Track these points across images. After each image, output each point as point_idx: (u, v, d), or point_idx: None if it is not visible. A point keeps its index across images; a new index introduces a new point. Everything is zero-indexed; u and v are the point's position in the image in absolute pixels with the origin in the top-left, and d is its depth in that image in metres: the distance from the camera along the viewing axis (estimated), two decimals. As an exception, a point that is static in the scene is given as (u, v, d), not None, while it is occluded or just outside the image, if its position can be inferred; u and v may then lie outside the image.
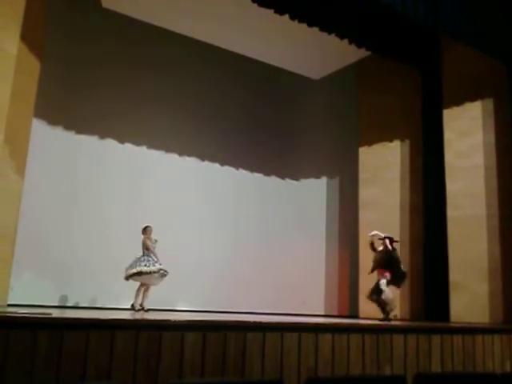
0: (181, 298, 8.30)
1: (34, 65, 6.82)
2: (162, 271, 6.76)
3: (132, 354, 3.61)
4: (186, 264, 8.35)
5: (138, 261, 6.77)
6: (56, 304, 7.35)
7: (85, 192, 8.09)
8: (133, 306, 6.68)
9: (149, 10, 8.26)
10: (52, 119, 8.00)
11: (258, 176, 10.00)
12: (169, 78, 9.02)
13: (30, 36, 6.53)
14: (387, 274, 7.05)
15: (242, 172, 9.83)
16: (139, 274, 6.67)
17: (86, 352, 3.45)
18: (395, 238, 7.46)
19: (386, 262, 7.10)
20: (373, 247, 7.27)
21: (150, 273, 6.68)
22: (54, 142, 7.95)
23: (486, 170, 7.79)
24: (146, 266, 6.70)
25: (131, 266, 6.73)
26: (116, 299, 7.74)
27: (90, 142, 8.31)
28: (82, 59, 8.27)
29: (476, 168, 7.85)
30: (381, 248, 7.22)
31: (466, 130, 8.03)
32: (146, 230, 7.05)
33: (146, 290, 6.81)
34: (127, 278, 6.72)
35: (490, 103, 7.92)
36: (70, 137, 8.16)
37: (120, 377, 3.52)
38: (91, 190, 8.14)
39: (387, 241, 7.19)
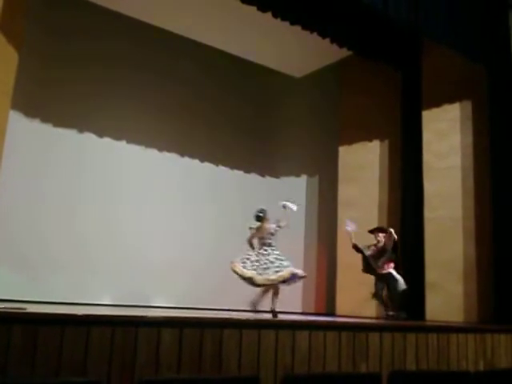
0: (158, 294, 8.25)
1: (12, 56, 6.68)
2: None
3: (108, 349, 3.57)
4: (165, 260, 8.30)
5: (270, 259, 6.05)
6: (30, 299, 7.25)
7: (60, 187, 7.95)
8: (273, 311, 6.13)
9: (129, 3, 8.18)
10: (29, 113, 7.85)
11: (238, 173, 9.98)
12: (147, 74, 8.93)
13: (8, 27, 6.40)
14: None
15: (222, 169, 9.80)
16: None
17: (60, 347, 3.41)
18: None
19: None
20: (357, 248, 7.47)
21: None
22: (30, 135, 7.82)
23: (462, 171, 7.86)
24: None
25: (269, 269, 5.98)
26: (91, 295, 7.67)
27: (67, 136, 8.17)
28: (60, 53, 8.14)
29: (453, 169, 7.93)
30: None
31: (444, 132, 8.11)
32: (266, 215, 6.15)
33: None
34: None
35: (468, 105, 8.00)
36: (47, 130, 8.02)
37: (95, 372, 3.48)
38: (67, 186, 8.02)
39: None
